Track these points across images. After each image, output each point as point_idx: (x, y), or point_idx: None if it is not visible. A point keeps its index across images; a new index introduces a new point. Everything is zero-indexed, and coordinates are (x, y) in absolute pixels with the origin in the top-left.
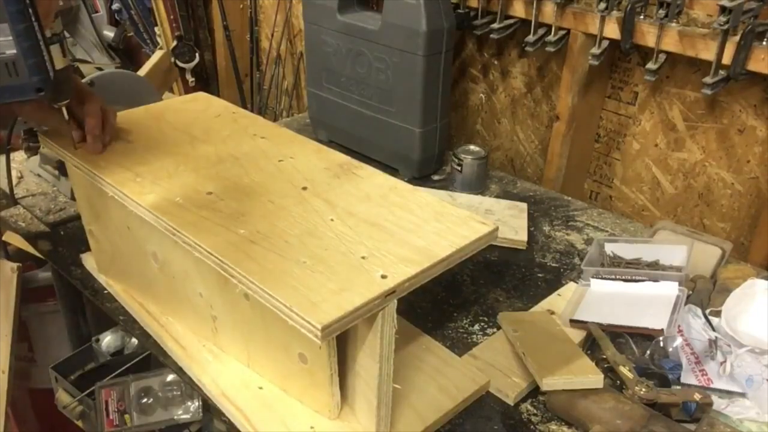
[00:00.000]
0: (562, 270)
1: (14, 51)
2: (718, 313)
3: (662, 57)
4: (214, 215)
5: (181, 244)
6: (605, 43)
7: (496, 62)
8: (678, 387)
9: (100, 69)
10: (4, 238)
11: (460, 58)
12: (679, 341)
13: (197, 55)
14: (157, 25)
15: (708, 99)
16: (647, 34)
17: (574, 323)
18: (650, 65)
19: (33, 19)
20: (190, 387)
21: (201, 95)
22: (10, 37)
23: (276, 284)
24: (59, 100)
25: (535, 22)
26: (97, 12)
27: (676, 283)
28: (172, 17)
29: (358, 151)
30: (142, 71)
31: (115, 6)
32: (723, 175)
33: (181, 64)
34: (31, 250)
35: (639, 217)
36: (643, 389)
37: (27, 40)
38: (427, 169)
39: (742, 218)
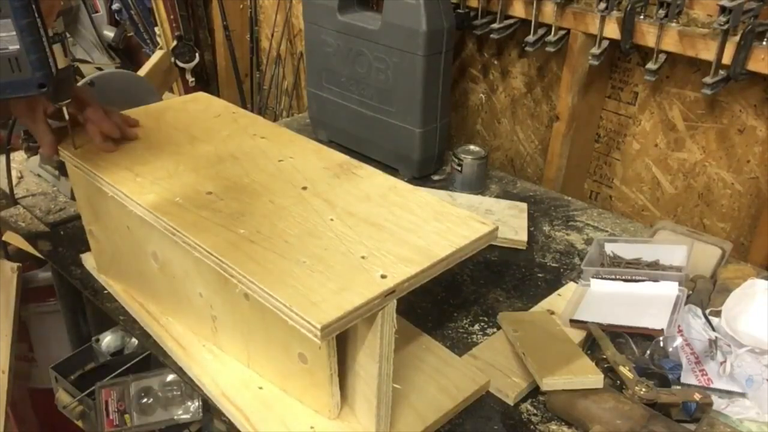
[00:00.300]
0: (562, 270)
1: (17, 46)
2: (718, 313)
3: (662, 57)
4: (214, 215)
5: (181, 244)
6: (605, 43)
7: (496, 62)
8: (678, 387)
9: (100, 69)
10: (4, 238)
11: (460, 58)
12: (679, 341)
13: (197, 55)
14: (157, 25)
15: (708, 99)
16: (647, 34)
17: (574, 323)
18: (650, 65)
19: (36, 15)
20: (190, 387)
21: (201, 95)
22: (14, 33)
23: (276, 284)
24: (60, 99)
25: (535, 22)
26: (97, 12)
27: (676, 283)
28: (172, 17)
29: (358, 151)
30: (142, 71)
31: (115, 6)
32: (723, 175)
33: (181, 64)
34: (31, 250)
35: (639, 217)
36: (643, 389)
37: (30, 35)
38: (427, 169)
39: (742, 218)
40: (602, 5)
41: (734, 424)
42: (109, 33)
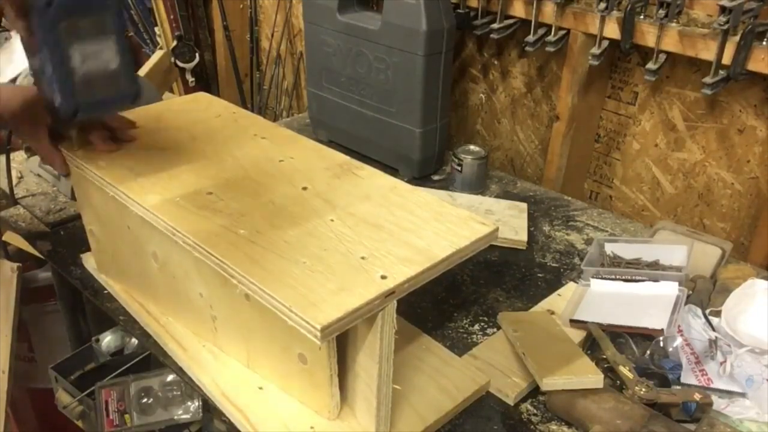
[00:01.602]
0: (562, 270)
1: (116, 65)
2: (718, 313)
3: (662, 57)
4: (214, 215)
5: (181, 244)
6: (605, 43)
7: (496, 62)
8: (678, 387)
9: None
10: (4, 238)
11: (460, 58)
12: (679, 341)
13: (197, 55)
14: (157, 25)
15: (708, 99)
16: (647, 34)
17: (574, 323)
18: (650, 65)
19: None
20: (190, 387)
21: (201, 95)
22: (115, 52)
23: (275, 284)
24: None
25: (535, 22)
26: None
27: (676, 283)
28: (172, 17)
29: (358, 151)
30: (142, 71)
31: None
32: (723, 175)
33: (181, 64)
34: (31, 250)
35: (639, 217)
36: (643, 389)
37: (126, 53)
38: (427, 169)
39: (742, 218)
40: (602, 5)
41: (734, 424)
42: None
